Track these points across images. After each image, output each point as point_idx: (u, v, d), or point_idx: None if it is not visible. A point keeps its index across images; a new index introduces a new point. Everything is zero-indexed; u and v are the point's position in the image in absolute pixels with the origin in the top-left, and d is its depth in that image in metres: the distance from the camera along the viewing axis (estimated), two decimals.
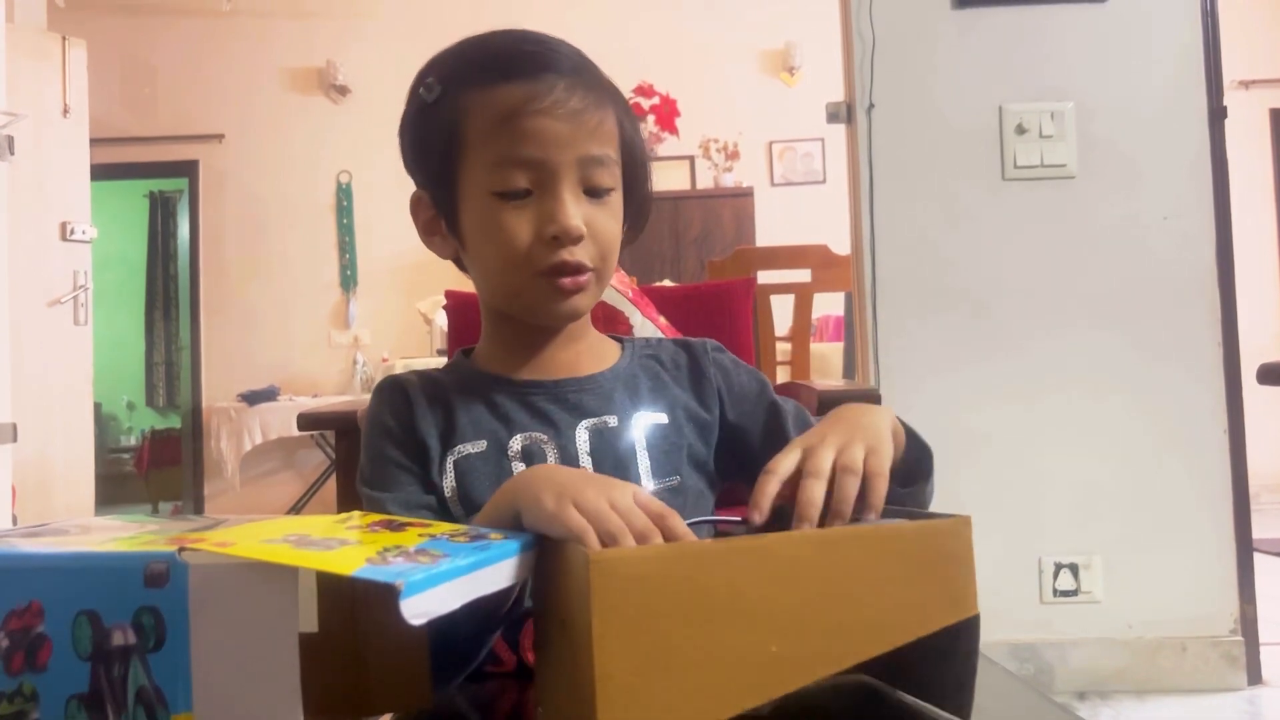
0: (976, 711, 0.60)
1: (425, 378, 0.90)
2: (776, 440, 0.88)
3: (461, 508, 0.82)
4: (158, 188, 7.32)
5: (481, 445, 0.84)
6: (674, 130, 5.56)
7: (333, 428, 1.45)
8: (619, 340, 0.95)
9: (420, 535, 0.59)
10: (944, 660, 0.59)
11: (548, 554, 0.60)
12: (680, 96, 5.57)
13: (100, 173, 4.52)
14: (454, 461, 0.83)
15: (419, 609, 0.50)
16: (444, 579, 0.53)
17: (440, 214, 0.88)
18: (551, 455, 0.84)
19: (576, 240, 0.81)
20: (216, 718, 0.50)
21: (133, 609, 0.51)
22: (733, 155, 5.73)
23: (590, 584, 0.50)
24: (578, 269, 0.82)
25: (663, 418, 0.88)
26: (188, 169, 6.24)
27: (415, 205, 0.91)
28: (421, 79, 0.87)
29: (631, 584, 0.51)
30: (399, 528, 0.61)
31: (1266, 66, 5.57)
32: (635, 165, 0.88)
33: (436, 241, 0.90)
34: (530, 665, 0.74)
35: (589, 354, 0.91)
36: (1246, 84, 5.54)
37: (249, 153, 6.10)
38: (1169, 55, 2.39)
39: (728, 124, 5.81)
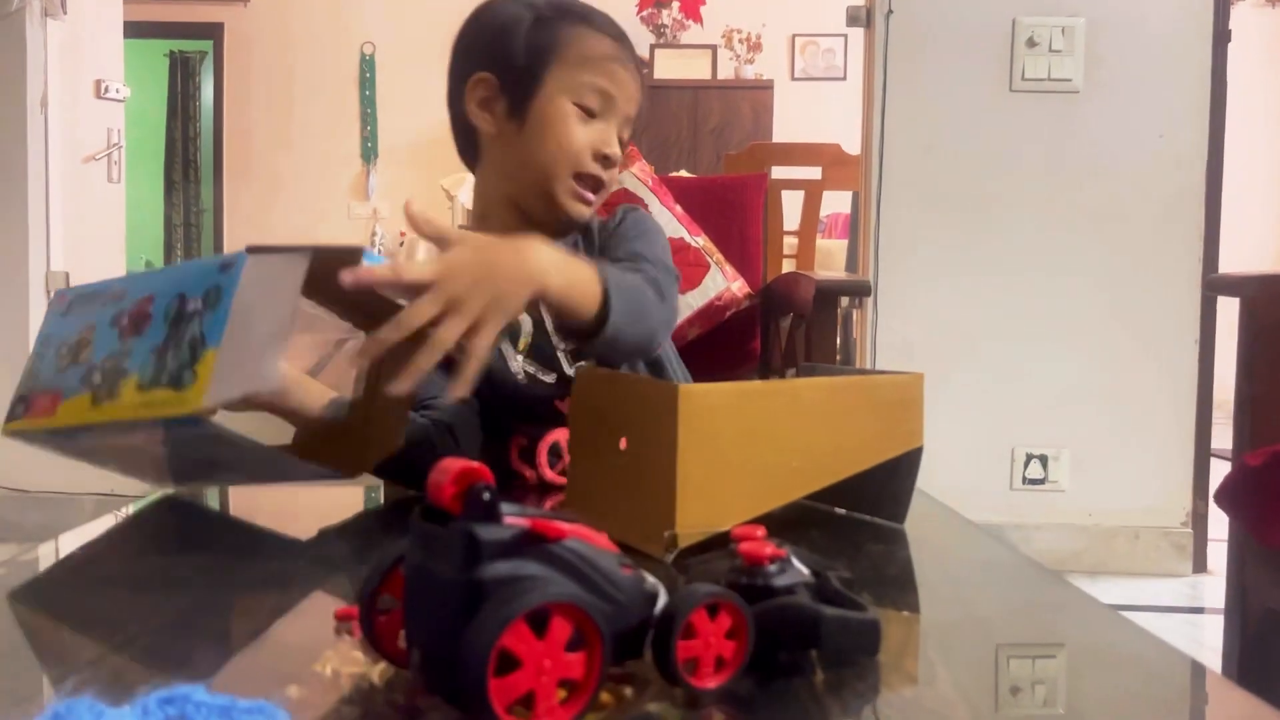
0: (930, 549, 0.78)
1: None
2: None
3: None
4: (178, 48, 7.33)
5: None
6: (698, 18, 5.57)
7: None
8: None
9: None
10: (891, 479, 0.80)
11: (596, 390, 0.78)
12: None
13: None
14: None
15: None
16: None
17: (505, 96, 1.05)
18: None
19: (615, 165, 1.06)
20: (231, 351, 0.70)
21: (205, 287, 0.72)
22: (755, 47, 5.74)
23: (678, 410, 0.67)
24: (600, 186, 1.06)
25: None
26: (211, 30, 6.26)
27: (475, 84, 1.07)
28: None
29: (705, 411, 0.68)
30: None
31: None
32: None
33: (485, 116, 1.07)
34: (547, 480, 0.94)
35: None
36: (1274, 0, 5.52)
37: (273, 18, 6.11)
38: None
39: (752, 15, 5.80)
